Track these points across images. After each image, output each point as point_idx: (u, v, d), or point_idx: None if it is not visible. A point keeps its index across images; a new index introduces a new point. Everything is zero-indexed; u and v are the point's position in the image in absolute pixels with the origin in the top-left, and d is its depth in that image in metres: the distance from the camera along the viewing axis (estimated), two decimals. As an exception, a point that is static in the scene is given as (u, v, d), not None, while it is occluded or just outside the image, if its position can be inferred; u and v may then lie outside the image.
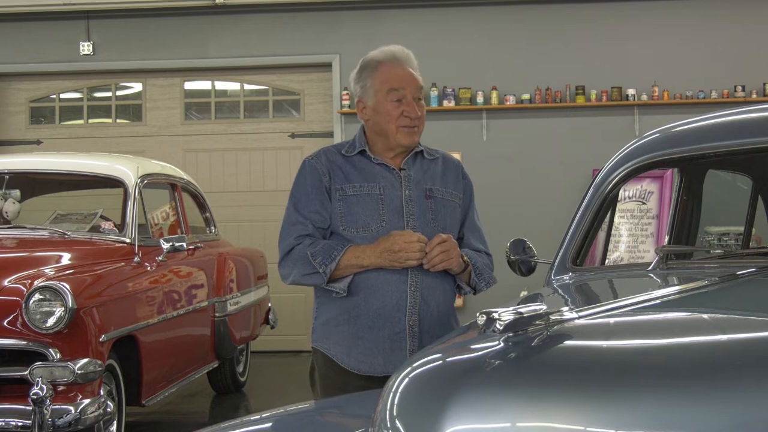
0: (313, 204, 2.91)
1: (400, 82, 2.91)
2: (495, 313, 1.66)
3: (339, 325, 2.93)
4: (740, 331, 1.77)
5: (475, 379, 1.57)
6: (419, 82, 2.96)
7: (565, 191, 8.24)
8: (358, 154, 2.97)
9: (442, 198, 2.99)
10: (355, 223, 2.89)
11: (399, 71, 2.93)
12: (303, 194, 2.94)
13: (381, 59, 2.95)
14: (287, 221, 2.95)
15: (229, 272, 7.02)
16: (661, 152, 2.83)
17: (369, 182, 2.93)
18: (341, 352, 2.93)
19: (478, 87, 8.91)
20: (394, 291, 2.86)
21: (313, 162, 2.97)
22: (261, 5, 9.07)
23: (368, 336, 2.88)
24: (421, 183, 2.97)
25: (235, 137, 9.47)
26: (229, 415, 5.14)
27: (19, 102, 9.60)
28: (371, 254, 2.82)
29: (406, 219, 2.90)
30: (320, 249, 2.85)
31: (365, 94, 2.96)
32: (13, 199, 6.11)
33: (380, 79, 2.93)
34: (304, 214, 2.91)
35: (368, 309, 2.88)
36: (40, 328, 4.63)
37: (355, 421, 2.09)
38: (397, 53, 2.96)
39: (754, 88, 8.72)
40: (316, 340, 3.03)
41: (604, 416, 1.42)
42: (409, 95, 2.91)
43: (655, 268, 2.62)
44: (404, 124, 2.91)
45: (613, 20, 8.97)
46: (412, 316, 2.87)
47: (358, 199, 2.90)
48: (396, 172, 2.95)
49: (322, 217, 2.91)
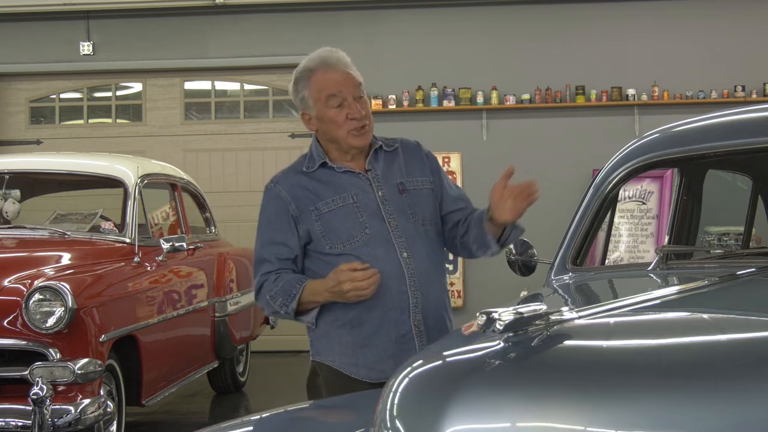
0: (276, 235, 2.86)
1: (336, 87, 2.84)
2: (495, 313, 1.66)
3: (341, 336, 2.87)
4: (740, 331, 1.77)
5: (475, 379, 1.57)
6: (356, 79, 2.87)
7: (565, 191, 8.23)
8: (320, 168, 2.89)
9: (415, 189, 2.92)
10: (339, 238, 2.82)
11: (332, 75, 2.86)
12: (266, 227, 2.89)
13: (312, 67, 2.89)
14: (255, 257, 2.91)
15: (229, 272, 7.02)
16: (661, 152, 2.83)
17: (340, 194, 2.86)
18: (348, 362, 2.87)
19: (478, 87, 8.91)
20: (395, 294, 2.82)
21: (276, 189, 2.88)
22: (261, 5, 9.07)
23: (375, 342, 2.83)
24: (391, 179, 2.91)
25: (235, 137, 9.47)
26: (229, 415, 5.13)
27: (19, 102, 9.60)
28: (323, 291, 2.78)
29: (387, 220, 2.84)
30: (279, 289, 2.81)
31: (306, 106, 2.89)
32: (13, 199, 6.11)
33: (316, 87, 2.86)
34: (267, 250, 2.87)
35: (370, 316, 2.83)
36: (40, 328, 4.63)
37: (355, 420, 2.09)
38: (327, 57, 2.90)
39: (754, 88, 8.72)
40: (318, 354, 2.95)
41: (604, 416, 1.42)
42: (349, 97, 2.83)
43: (655, 268, 2.62)
44: (352, 127, 2.83)
45: (613, 20, 8.97)
46: (416, 315, 2.84)
47: (334, 215, 2.83)
48: (363, 175, 2.89)
49: (287, 248, 2.85)
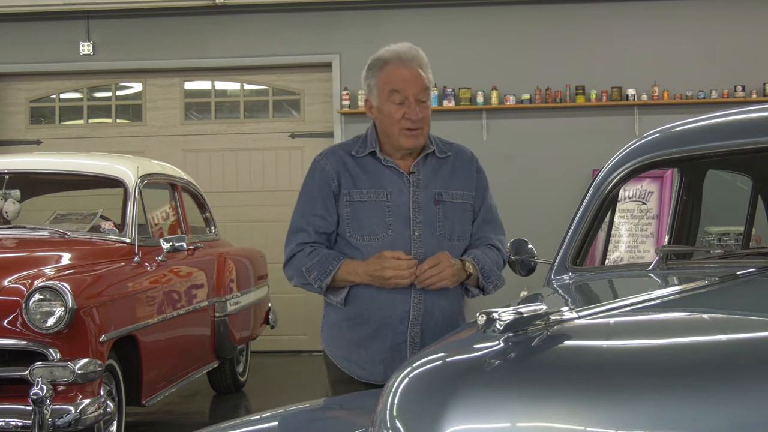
0: (317, 208, 2.90)
1: (401, 84, 2.85)
2: (495, 313, 1.66)
3: (342, 331, 2.94)
4: (740, 331, 1.77)
5: (475, 379, 1.57)
6: (424, 82, 2.88)
7: (565, 191, 8.23)
8: (369, 156, 2.93)
9: (452, 201, 2.94)
10: (361, 230, 2.87)
11: (402, 72, 2.86)
12: (309, 197, 2.93)
13: (386, 59, 2.90)
14: (292, 225, 2.95)
15: (229, 272, 7.02)
16: (661, 152, 2.83)
17: (377, 188, 2.89)
18: (343, 357, 2.95)
19: (478, 87, 8.91)
20: (399, 302, 2.85)
21: (323, 163, 2.94)
22: (261, 5, 9.07)
23: (370, 345, 2.89)
24: (431, 186, 2.92)
25: (235, 137, 9.46)
26: (229, 415, 5.13)
27: (19, 102, 9.59)
28: (362, 273, 2.83)
29: (412, 228, 2.87)
30: (316, 263, 2.85)
31: (371, 94, 2.93)
32: (13, 199, 6.10)
33: (383, 79, 2.88)
34: (307, 220, 2.91)
35: (371, 318, 2.88)
36: (40, 328, 4.62)
37: (355, 420, 2.09)
38: (403, 53, 2.90)
39: (754, 88, 8.72)
40: (324, 341, 3.04)
41: (604, 416, 1.42)
42: (411, 97, 2.85)
43: (655, 268, 2.62)
44: (406, 126, 2.86)
45: (613, 20, 8.97)
46: (415, 327, 2.86)
47: (365, 206, 2.88)
48: (405, 176, 2.91)
49: (326, 222, 2.90)
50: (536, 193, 8.74)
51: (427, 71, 2.91)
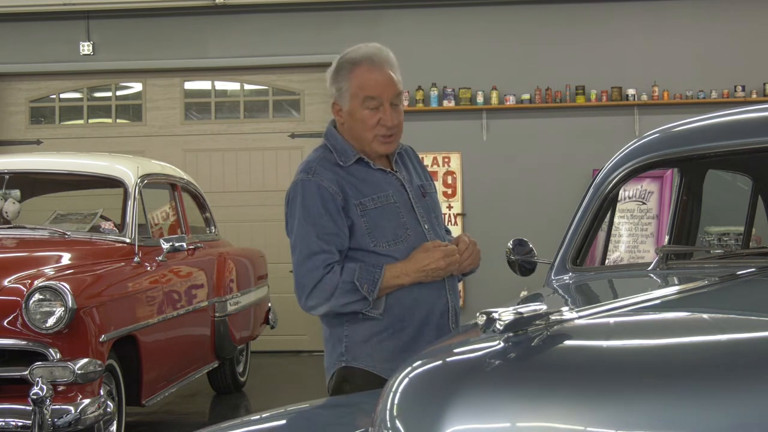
0: (329, 226, 2.72)
1: (376, 90, 2.74)
2: (495, 313, 1.66)
3: (382, 342, 2.79)
4: (740, 331, 1.77)
5: (475, 379, 1.57)
6: (397, 86, 2.77)
7: (565, 191, 8.24)
8: (356, 163, 2.81)
9: (430, 192, 2.95)
10: (385, 236, 2.76)
11: (376, 76, 2.74)
12: (316, 217, 2.73)
13: (357, 60, 2.76)
14: (308, 250, 2.73)
15: (229, 272, 7.02)
16: (661, 152, 2.83)
17: (380, 192, 2.79)
18: (389, 367, 2.71)
19: (478, 87, 8.91)
20: (437, 298, 2.82)
21: (317, 180, 2.76)
22: (261, 5, 9.07)
23: (416, 348, 2.73)
24: (414, 181, 2.90)
25: (235, 137, 9.46)
26: (229, 415, 5.13)
27: (19, 102, 9.60)
28: (412, 272, 2.73)
29: (421, 223, 2.83)
30: (360, 275, 2.70)
31: (341, 98, 2.79)
32: (13, 199, 6.10)
33: (356, 83, 2.75)
34: (326, 240, 2.72)
35: (413, 320, 2.79)
36: (40, 328, 4.63)
37: (355, 420, 2.09)
38: (375, 55, 2.77)
39: (754, 88, 8.72)
40: (354, 360, 2.81)
41: (604, 416, 1.42)
42: (386, 102, 2.75)
43: (655, 268, 2.62)
44: (381, 133, 2.77)
45: (613, 20, 8.97)
46: (453, 317, 2.86)
47: (379, 212, 2.77)
48: (394, 176, 2.86)
49: (341, 240, 2.73)
50: (536, 193, 8.74)
51: (398, 73, 2.80)
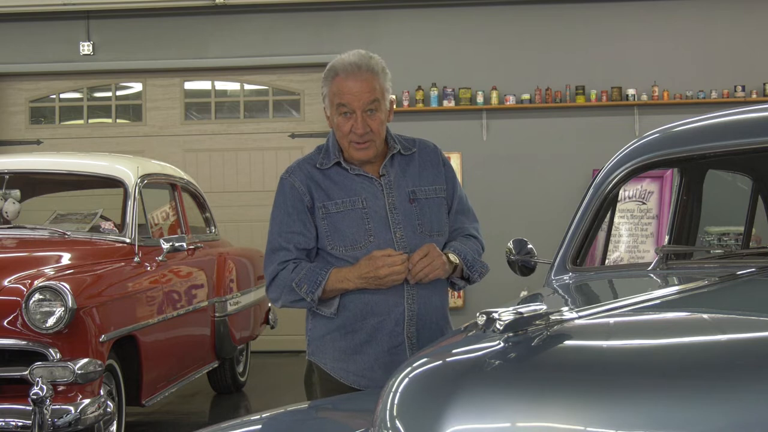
0: (294, 225, 2.84)
1: (347, 97, 2.78)
2: (495, 313, 1.66)
3: (335, 341, 2.87)
4: (740, 331, 1.77)
5: (475, 379, 1.57)
6: (373, 93, 2.78)
7: (565, 191, 8.24)
8: (335, 166, 2.87)
9: (426, 198, 2.91)
10: (343, 241, 2.82)
11: (349, 84, 2.78)
12: (283, 216, 2.87)
13: (338, 69, 2.82)
14: (270, 246, 2.90)
15: (229, 272, 7.02)
16: (661, 152, 2.83)
17: (350, 197, 2.84)
18: (338, 367, 2.87)
19: (478, 87, 8.91)
20: (392, 306, 2.82)
21: (291, 180, 2.90)
22: (261, 5, 9.07)
23: (366, 351, 2.83)
24: (403, 186, 2.89)
25: (235, 137, 9.46)
26: (229, 415, 5.13)
27: (19, 102, 9.59)
28: (354, 278, 2.77)
29: (393, 230, 2.83)
30: (304, 276, 2.80)
31: (325, 103, 2.88)
32: (13, 199, 6.10)
33: (333, 90, 2.82)
34: (285, 238, 2.85)
35: (365, 324, 2.83)
36: (40, 328, 4.62)
37: (354, 420, 2.09)
38: (353, 63, 2.81)
39: (754, 88, 8.72)
40: (312, 354, 2.95)
41: (604, 416, 1.42)
42: (358, 110, 2.77)
43: (655, 268, 2.62)
44: (354, 140, 2.81)
45: (613, 20, 8.97)
46: (410, 328, 2.83)
47: (342, 216, 2.83)
48: (376, 180, 2.87)
49: (305, 238, 2.84)
50: (536, 193, 8.74)
51: (382, 78, 2.82)
